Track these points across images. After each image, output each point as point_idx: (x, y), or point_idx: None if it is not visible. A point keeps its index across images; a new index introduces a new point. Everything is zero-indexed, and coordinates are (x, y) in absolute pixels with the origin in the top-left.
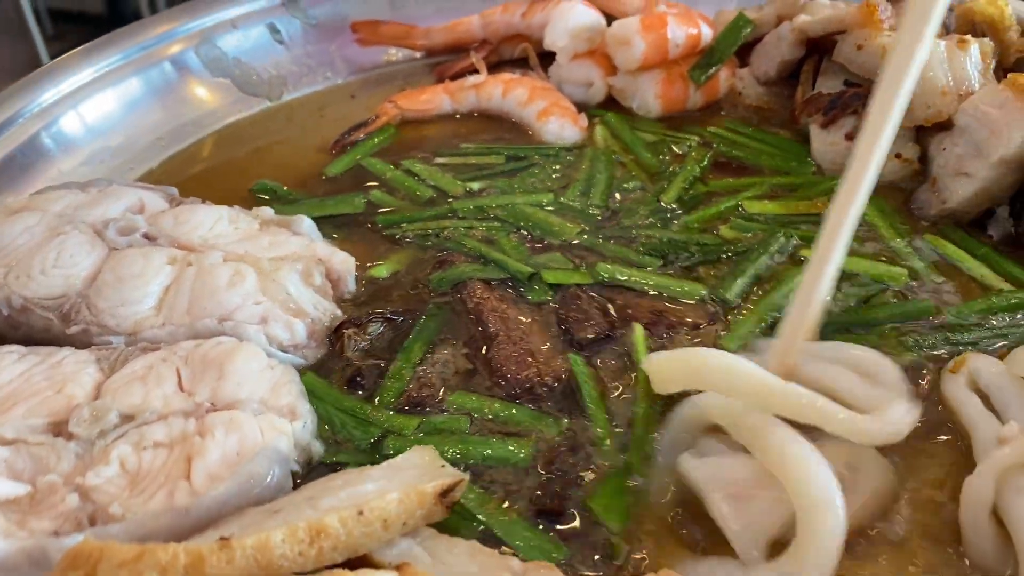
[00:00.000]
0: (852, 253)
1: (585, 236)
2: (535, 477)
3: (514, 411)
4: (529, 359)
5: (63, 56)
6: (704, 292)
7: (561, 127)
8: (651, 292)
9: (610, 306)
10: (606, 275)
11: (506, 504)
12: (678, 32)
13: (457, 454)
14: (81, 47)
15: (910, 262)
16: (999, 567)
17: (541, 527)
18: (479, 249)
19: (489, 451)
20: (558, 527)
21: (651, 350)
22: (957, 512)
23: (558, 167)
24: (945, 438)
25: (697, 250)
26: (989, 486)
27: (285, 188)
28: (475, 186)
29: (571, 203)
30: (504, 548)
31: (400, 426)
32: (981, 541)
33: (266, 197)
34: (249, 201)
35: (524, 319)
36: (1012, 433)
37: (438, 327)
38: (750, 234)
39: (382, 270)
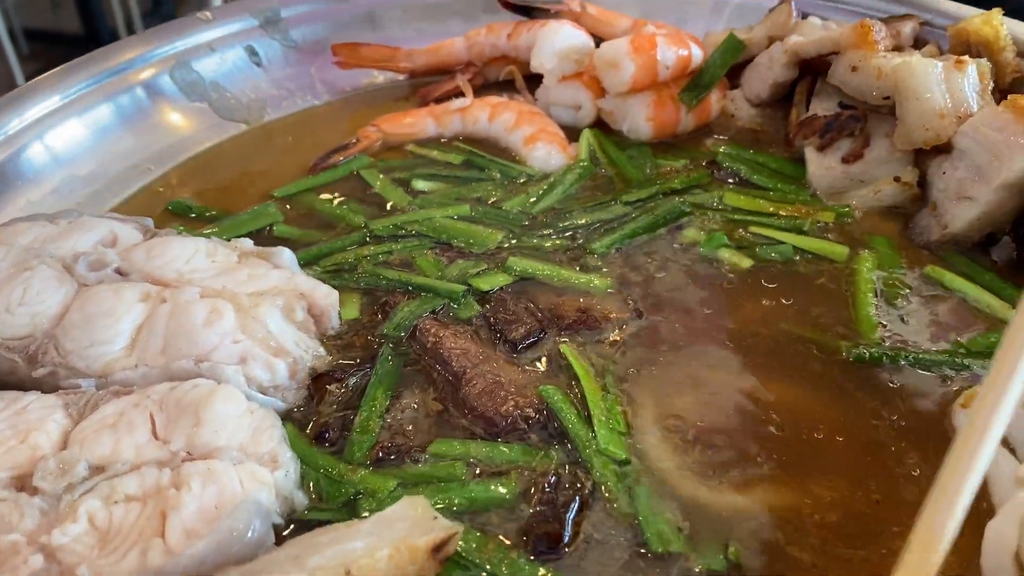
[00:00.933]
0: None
1: (510, 242)
2: (527, 510)
3: (503, 449)
4: (503, 392)
5: (29, 83)
6: (611, 284)
7: (548, 153)
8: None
9: (533, 304)
10: (517, 268)
11: (508, 543)
12: (668, 54)
13: (441, 504)
14: (47, 73)
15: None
16: None
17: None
18: (401, 279)
19: (474, 494)
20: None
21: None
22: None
23: (521, 181)
24: None
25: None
26: (1013, 531)
27: (201, 205)
28: (422, 185)
29: (495, 211)
30: None
31: (374, 487)
32: None
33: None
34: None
35: (484, 349)
36: None
37: (398, 371)
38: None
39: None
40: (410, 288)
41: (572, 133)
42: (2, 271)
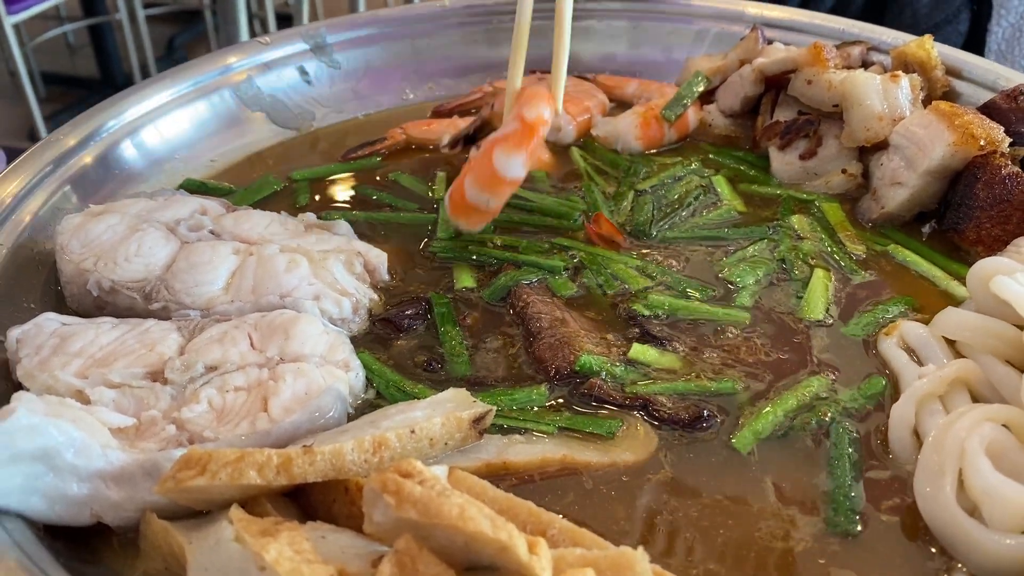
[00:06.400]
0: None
1: None
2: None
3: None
4: (565, 350)
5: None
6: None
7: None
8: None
9: None
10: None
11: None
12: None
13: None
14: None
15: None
16: (912, 466)
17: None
18: (508, 256)
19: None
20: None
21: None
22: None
23: None
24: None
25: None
26: (910, 410)
27: (214, 183)
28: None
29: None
30: None
31: (427, 393)
32: (903, 450)
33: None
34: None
35: (564, 315)
36: (928, 371)
37: (451, 313)
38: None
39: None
40: (517, 264)
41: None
42: (119, 232)
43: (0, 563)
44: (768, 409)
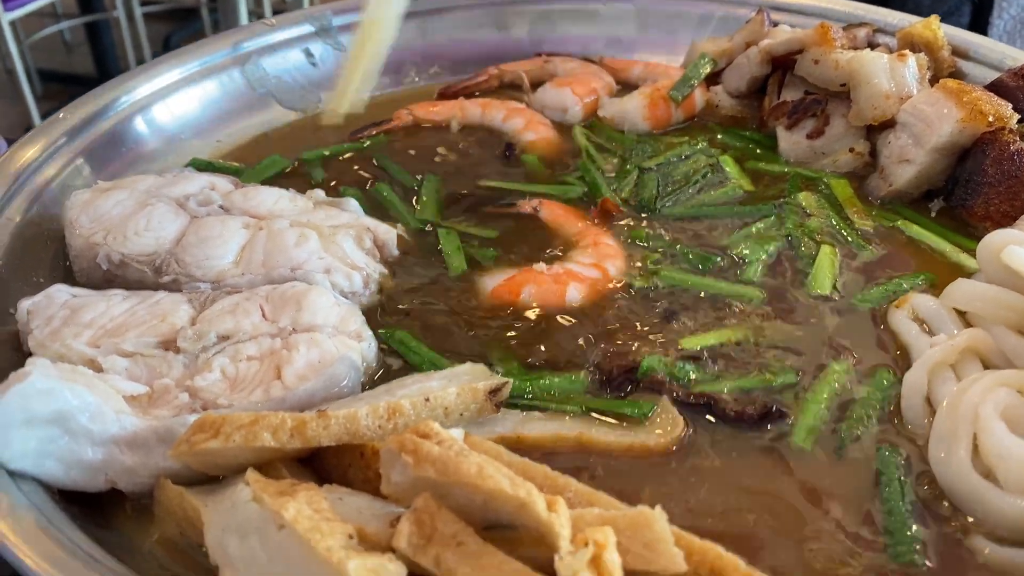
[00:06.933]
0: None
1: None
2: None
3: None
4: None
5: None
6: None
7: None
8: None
9: None
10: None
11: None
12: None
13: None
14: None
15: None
16: (925, 432)
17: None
18: None
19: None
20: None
21: None
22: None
23: None
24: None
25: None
26: (923, 378)
27: (220, 162)
28: None
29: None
30: None
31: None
32: (915, 417)
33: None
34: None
35: None
36: (940, 340)
37: None
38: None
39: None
40: None
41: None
42: (128, 207)
43: (18, 523)
44: (810, 403)
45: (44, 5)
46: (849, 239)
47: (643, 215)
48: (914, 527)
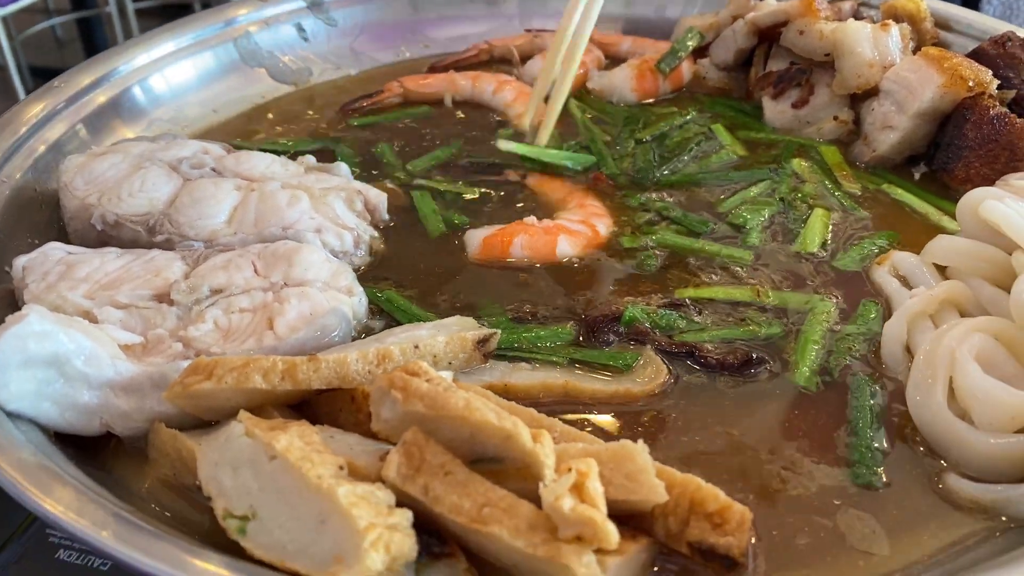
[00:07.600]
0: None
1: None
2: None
3: None
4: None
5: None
6: None
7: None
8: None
9: None
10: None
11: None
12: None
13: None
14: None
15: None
16: (903, 377)
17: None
18: None
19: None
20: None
21: None
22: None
23: None
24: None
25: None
26: (902, 326)
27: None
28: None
29: None
30: None
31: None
32: (895, 364)
33: None
34: None
35: None
36: (919, 291)
37: None
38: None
39: None
40: None
41: None
42: (122, 170)
43: (16, 457)
44: (807, 342)
45: (35, 1)
46: (844, 203)
47: (644, 185)
48: (876, 449)
